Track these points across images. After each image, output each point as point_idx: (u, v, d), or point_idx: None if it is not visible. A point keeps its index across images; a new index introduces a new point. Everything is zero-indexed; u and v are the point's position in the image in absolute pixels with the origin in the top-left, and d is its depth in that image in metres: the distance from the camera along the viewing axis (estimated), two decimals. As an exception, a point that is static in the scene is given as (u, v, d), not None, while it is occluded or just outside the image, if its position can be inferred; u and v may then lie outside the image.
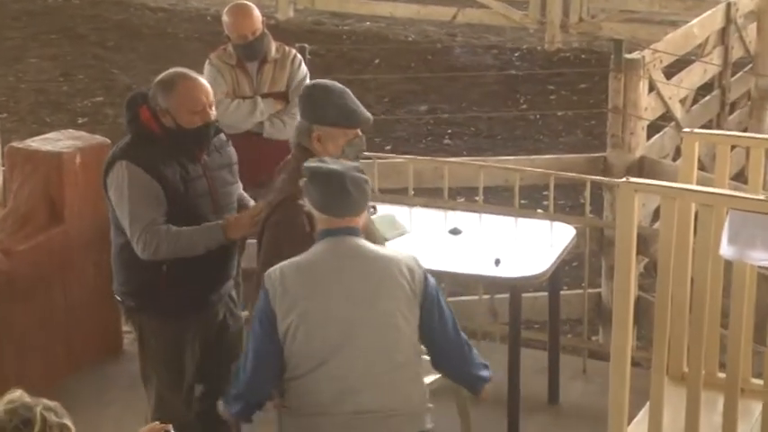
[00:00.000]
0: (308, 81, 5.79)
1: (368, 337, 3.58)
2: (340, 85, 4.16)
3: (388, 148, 9.77)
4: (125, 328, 6.14)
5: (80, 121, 10.50)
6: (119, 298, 4.56)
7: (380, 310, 3.60)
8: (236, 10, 5.75)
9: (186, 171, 4.28)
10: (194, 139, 4.27)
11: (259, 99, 5.65)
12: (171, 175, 4.25)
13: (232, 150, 4.54)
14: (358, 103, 4.12)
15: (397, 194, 6.05)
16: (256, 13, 5.74)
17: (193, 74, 4.37)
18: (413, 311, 3.62)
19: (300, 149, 4.13)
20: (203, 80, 4.35)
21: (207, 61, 5.84)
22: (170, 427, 3.07)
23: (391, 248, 3.77)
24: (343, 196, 3.62)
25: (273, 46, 5.78)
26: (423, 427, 3.68)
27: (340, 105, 4.08)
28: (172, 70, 4.42)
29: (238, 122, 5.61)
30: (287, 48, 5.87)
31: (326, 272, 3.61)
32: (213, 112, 4.33)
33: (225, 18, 5.80)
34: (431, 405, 3.75)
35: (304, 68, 5.84)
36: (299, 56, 5.86)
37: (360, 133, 4.10)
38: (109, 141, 5.95)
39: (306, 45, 6.49)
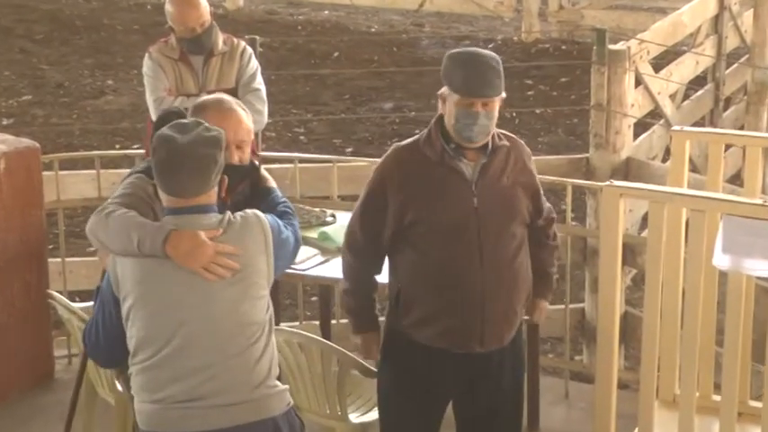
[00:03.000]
0: (259, 77, 5.79)
1: (211, 331, 3.68)
2: (482, 55, 4.16)
3: (350, 150, 9.79)
4: (57, 352, 6.11)
5: (5, 123, 10.44)
6: None
7: (221, 295, 3.67)
8: (181, 0, 5.72)
9: None
10: (241, 177, 3.99)
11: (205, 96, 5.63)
12: None
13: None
14: (488, 75, 4.11)
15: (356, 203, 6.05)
16: (204, 2, 5.73)
17: (233, 104, 4.03)
18: (260, 289, 3.71)
19: (437, 117, 4.27)
20: (242, 114, 3.99)
21: (146, 55, 5.81)
22: None
23: (241, 219, 3.71)
24: (178, 174, 3.65)
25: (221, 38, 5.77)
26: (271, 413, 3.73)
27: (459, 68, 4.13)
28: (213, 96, 4.19)
29: (182, 122, 5.57)
30: (236, 40, 5.86)
31: (169, 263, 3.67)
32: (246, 155, 4.02)
33: (168, 8, 5.76)
34: (282, 386, 3.79)
35: (254, 63, 5.83)
36: (249, 49, 5.85)
37: (479, 107, 4.11)
38: (38, 146, 5.92)
39: (257, 37, 6.49)
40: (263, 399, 3.73)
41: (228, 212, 3.75)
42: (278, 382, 3.79)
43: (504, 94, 4.20)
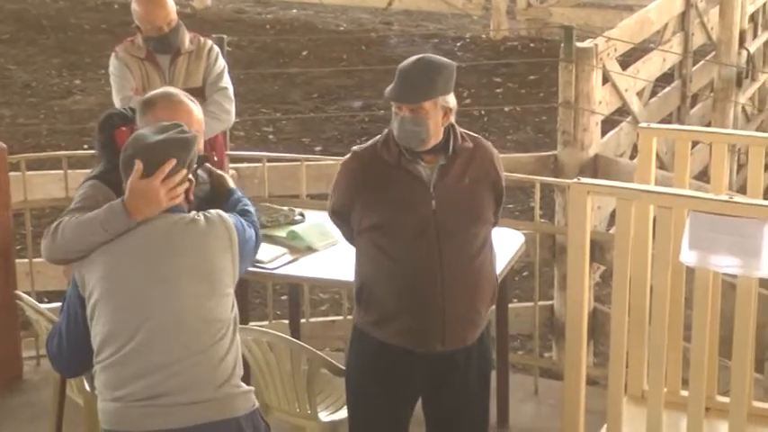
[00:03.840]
0: (226, 76, 5.78)
1: (174, 327, 3.69)
2: (424, 60, 4.16)
3: (319, 149, 9.79)
4: (25, 353, 6.08)
5: (-29, 124, 10.39)
6: None
7: (186, 291, 3.69)
8: (147, -2, 5.71)
9: None
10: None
11: (136, 98, 5.59)
12: None
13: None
14: (414, 81, 4.12)
15: (328, 201, 6.05)
16: (170, 1, 5.70)
17: (180, 95, 4.08)
18: (225, 287, 3.73)
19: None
20: (191, 104, 4.05)
21: (113, 55, 5.79)
22: None
23: (206, 218, 3.75)
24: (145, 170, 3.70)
25: (188, 37, 5.76)
26: (235, 413, 3.72)
27: (397, 75, 4.16)
28: (157, 90, 4.20)
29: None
30: (202, 39, 5.85)
31: (128, 251, 3.71)
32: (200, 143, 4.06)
33: (135, 7, 5.74)
34: (247, 387, 3.77)
35: (222, 62, 5.82)
36: (216, 48, 5.83)
37: (408, 113, 4.13)
38: (5, 146, 5.88)
39: (224, 36, 6.47)
40: (227, 398, 3.72)
41: (193, 212, 3.76)
42: (242, 383, 3.78)
43: (449, 100, 4.16)
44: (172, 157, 3.69)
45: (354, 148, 4.38)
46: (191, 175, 3.76)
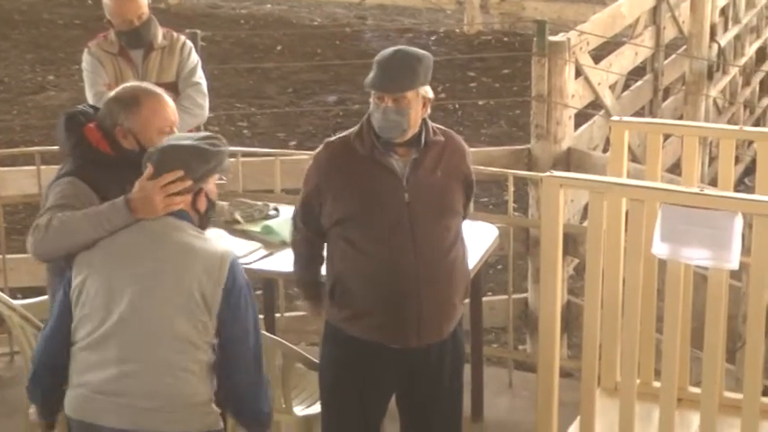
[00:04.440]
0: (199, 71, 5.77)
1: (139, 325, 3.70)
2: (402, 52, 4.20)
3: (293, 143, 9.78)
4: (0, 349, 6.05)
5: (-57, 120, 10.33)
6: None
7: (156, 295, 3.69)
8: (119, -8, 5.70)
9: None
10: None
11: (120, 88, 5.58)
12: None
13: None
14: (396, 72, 4.14)
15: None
16: (142, -5, 5.71)
17: (155, 88, 4.18)
18: (200, 315, 3.69)
19: (368, 115, 4.28)
20: (167, 96, 4.15)
21: (85, 50, 5.77)
22: None
23: (210, 242, 3.78)
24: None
25: (160, 32, 5.75)
26: (188, 428, 3.72)
27: (376, 66, 4.17)
28: (129, 86, 4.26)
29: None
30: (175, 34, 5.84)
31: (119, 243, 3.75)
32: (176, 131, 4.18)
33: (106, 1, 5.73)
34: (211, 410, 3.77)
35: (195, 56, 5.80)
36: (189, 43, 5.82)
37: (390, 103, 4.14)
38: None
39: (198, 31, 6.46)
40: (185, 413, 3.71)
41: (207, 231, 3.81)
42: (212, 407, 3.77)
43: (427, 91, 4.19)
44: (184, 163, 3.72)
45: (327, 139, 4.38)
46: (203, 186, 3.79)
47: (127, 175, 3.98)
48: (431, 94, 4.22)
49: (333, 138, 4.35)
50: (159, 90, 4.14)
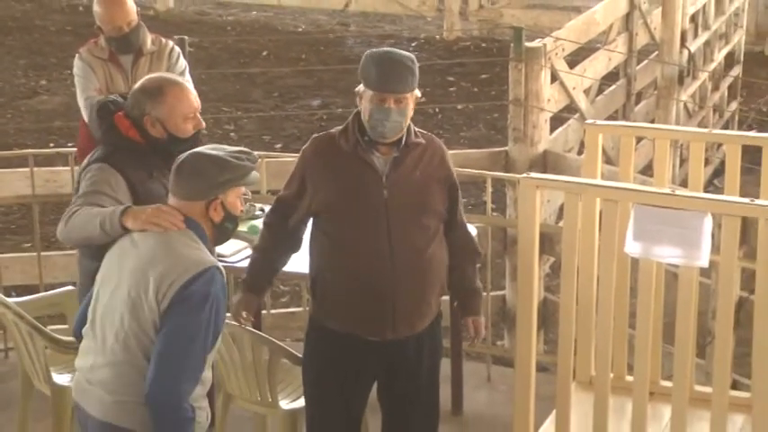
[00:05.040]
0: (187, 75, 5.76)
1: (106, 320, 3.73)
2: (396, 54, 4.19)
3: (279, 146, 9.76)
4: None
5: (-61, 123, 10.27)
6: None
7: (120, 295, 3.70)
8: (108, 0, 5.68)
9: (168, 182, 4.03)
10: (189, 148, 4.01)
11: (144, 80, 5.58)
12: (153, 189, 4.15)
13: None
14: (399, 72, 4.14)
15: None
16: (130, 2, 5.70)
17: (177, 77, 4.30)
18: (149, 314, 3.64)
19: (355, 113, 4.28)
20: (190, 84, 4.24)
21: (77, 56, 5.75)
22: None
23: (192, 251, 3.69)
24: (177, 174, 3.76)
25: (149, 38, 5.74)
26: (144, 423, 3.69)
27: (373, 66, 4.15)
28: (155, 76, 4.35)
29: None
30: (164, 40, 5.83)
31: (121, 246, 3.79)
32: (201, 118, 4.26)
33: (96, 8, 5.73)
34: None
35: (183, 62, 5.80)
36: (177, 48, 5.81)
37: (391, 104, 4.14)
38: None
39: (185, 37, 6.44)
40: (137, 408, 3.66)
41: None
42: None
43: (418, 93, 4.22)
44: (201, 169, 3.71)
45: (315, 135, 4.39)
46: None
47: (155, 161, 4.16)
48: (419, 94, 4.24)
49: (320, 133, 4.36)
50: (181, 79, 4.26)
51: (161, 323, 3.61)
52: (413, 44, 12.70)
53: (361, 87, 4.21)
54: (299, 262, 4.99)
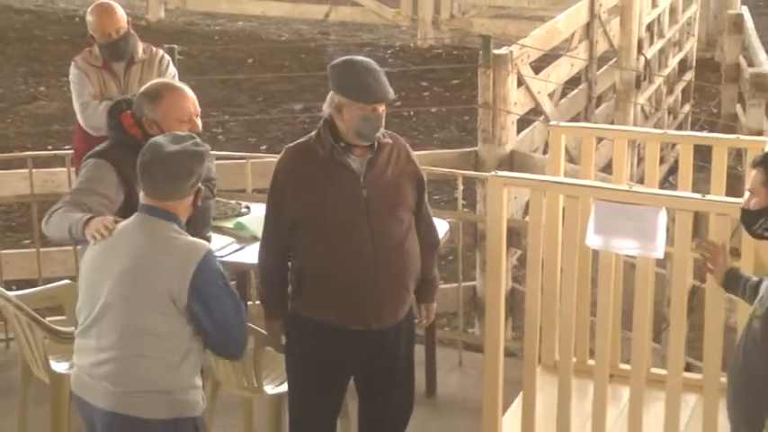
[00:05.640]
0: (176, 81, 5.74)
1: (112, 318, 3.70)
2: (369, 64, 4.20)
3: (264, 148, 9.72)
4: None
5: (-58, 129, 10.20)
6: None
7: (127, 294, 3.67)
8: (98, 9, 5.72)
9: None
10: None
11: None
12: None
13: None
14: (382, 82, 4.15)
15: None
16: (120, 11, 5.72)
17: (180, 84, 4.30)
18: (164, 308, 3.65)
19: (323, 121, 4.24)
20: (189, 90, 4.23)
21: (72, 64, 5.75)
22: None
23: (185, 241, 3.72)
24: (154, 178, 3.72)
25: (140, 47, 5.73)
26: (154, 413, 3.70)
27: (358, 80, 4.14)
28: (157, 81, 4.37)
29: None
30: (154, 48, 5.82)
31: (107, 245, 3.76)
32: (200, 122, 4.24)
33: (88, 18, 5.74)
34: (173, 397, 3.73)
35: (172, 69, 5.79)
36: (166, 56, 5.81)
37: (378, 110, 4.14)
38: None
39: (175, 46, 6.42)
40: (149, 398, 3.68)
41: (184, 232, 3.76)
42: (184, 395, 3.73)
43: None
44: (188, 167, 3.69)
45: (287, 146, 4.36)
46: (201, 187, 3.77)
47: None
48: None
49: (292, 143, 4.33)
50: (182, 85, 4.27)
51: (193, 310, 3.65)
52: (389, 51, 12.68)
53: (340, 99, 4.17)
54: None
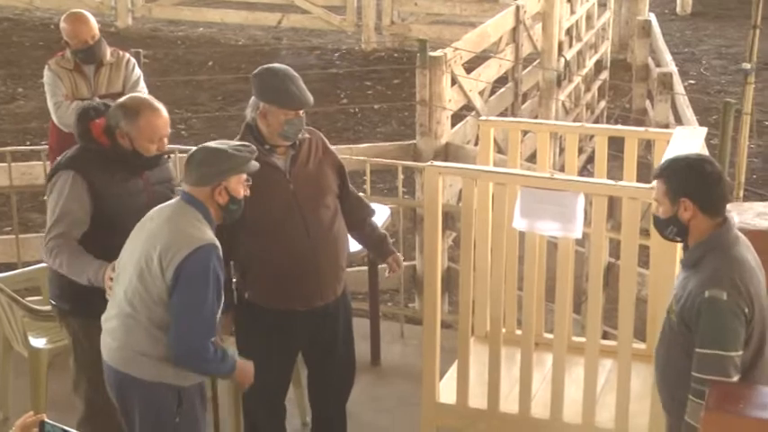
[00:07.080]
0: (142, 82, 5.69)
1: (118, 280, 3.76)
2: (289, 71, 4.16)
3: (224, 142, 9.63)
4: None
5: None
6: (53, 302, 4.25)
7: (130, 260, 3.72)
8: (74, 18, 5.63)
9: (128, 185, 4.07)
10: (146, 165, 4.06)
11: (97, 100, 5.50)
12: (113, 189, 4.04)
13: (171, 166, 4.33)
14: (302, 88, 4.12)
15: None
16: (92, 19, 5.67)
17: (157, 103, 4.12)
18: (150, 279, 3.65)
19: (246, 125, 4.17)
20: (164, 110, 4.10)
21: (46, 67, 5.68)
22: (44, 416, 2.93)
23: (195, 230, 3.67)
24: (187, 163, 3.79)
25: (108, 51, 5.68)
26: (141, 373, 3.68)
27: (282, 88, 4.09)
28: (137, 96, 4.24)
29: (78, 122, 5.43)
30: (121, 52, 5.77)
31: (147, 219, 3.80)
32: (166, 142, 4.13)
33: (64, 25, 5.65)
34: (156, 362, 3.69)
35: (138, 71, 5.73)
36: (132, 59, 5.75)
37: (300, 114, 4.10)
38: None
39: (140, 50, 6.37)
40: (136, 358, 3.69)
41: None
42: (161, 361, 3.69)
43: None
44: (202, 159, 3.73)
45: None
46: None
47: (118, 166, 4.05)
48: None
49: None
50: (159, 105, 4.09)
51: (172, 291, 3.61)
52: (336, 54, 12.63)
53: (264, 106, 4.12)
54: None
